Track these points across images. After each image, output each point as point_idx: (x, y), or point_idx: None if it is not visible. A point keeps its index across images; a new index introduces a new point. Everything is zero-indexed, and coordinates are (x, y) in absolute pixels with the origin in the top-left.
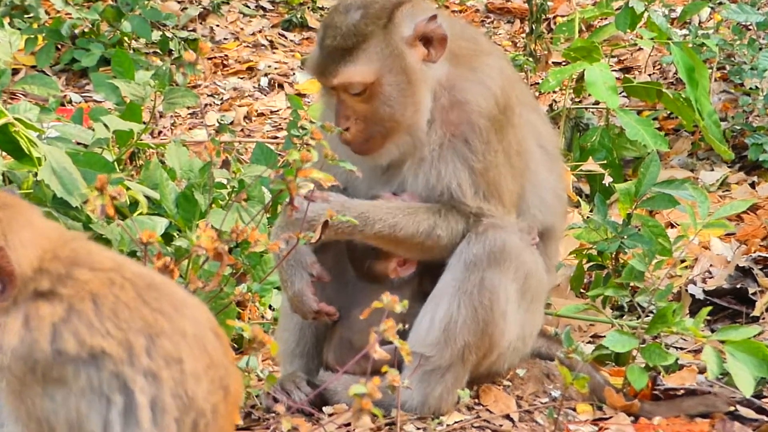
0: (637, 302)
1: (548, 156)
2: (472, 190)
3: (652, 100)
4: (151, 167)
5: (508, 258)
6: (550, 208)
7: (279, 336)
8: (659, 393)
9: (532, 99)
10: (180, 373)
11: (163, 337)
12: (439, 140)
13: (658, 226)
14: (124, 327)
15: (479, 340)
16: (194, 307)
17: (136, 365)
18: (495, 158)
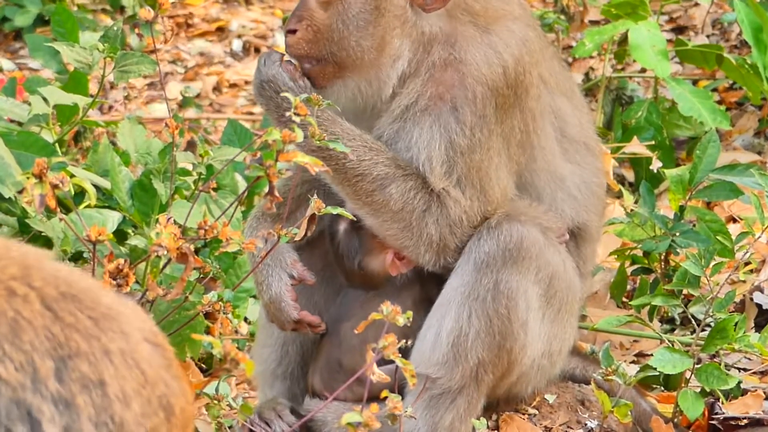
0: (691, 314)
1: (577, 147)
2: (442, 168)
3: (710, 67)
4: (101, 150)
5: (527, 256)
6: (581, 204)
7: (257, 354)
8: (718, 423)
9: (567, 82)
10: (102, 397)
11: (78, 358)
12: (420, 99)
13: (718, 221)
14: (26, 348)
15: (495, 357)
16: (124, 317)
17: (42, 392)
18: (487, 140)
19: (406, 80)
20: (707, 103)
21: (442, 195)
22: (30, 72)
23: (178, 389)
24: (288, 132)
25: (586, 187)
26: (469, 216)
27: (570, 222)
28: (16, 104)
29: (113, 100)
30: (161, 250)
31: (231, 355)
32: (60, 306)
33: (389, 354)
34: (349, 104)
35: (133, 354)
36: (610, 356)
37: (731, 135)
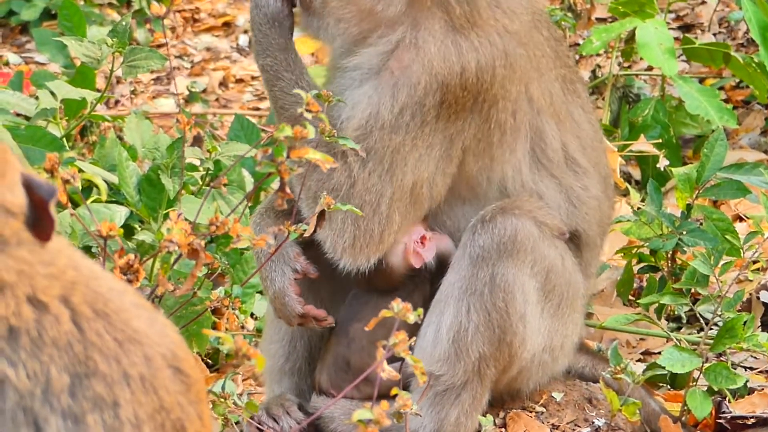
0: (699, 312)
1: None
2: (355, 133)
3: (717, 65)
4: (108, 145)
5: (522, 249)
6: (576, 214)
7: (265, 349)
8: (725, 422)
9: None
10: (113, 418)
11: (94, 378)
12: (375, 67)
13: (725, 220)
14: (44, 359)
15: (496, 351)
16: (149, 342)
17: (53, 404)
18: (417, 129)
19: (362, 47)
20: (714, 101)
21: (338, 156)
22: (36, 66)
23: (195, 414)
24: (299, 128)
25: (578, 199)
26: (355, 187)
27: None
28: (23, 98)
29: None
30: (172, 245)
31: (243, 350)
32: (90, 325)
33: (400, 351)
34: (316, 40)
35: (153, 380)
36: (618, 354)
37: (738, 133)
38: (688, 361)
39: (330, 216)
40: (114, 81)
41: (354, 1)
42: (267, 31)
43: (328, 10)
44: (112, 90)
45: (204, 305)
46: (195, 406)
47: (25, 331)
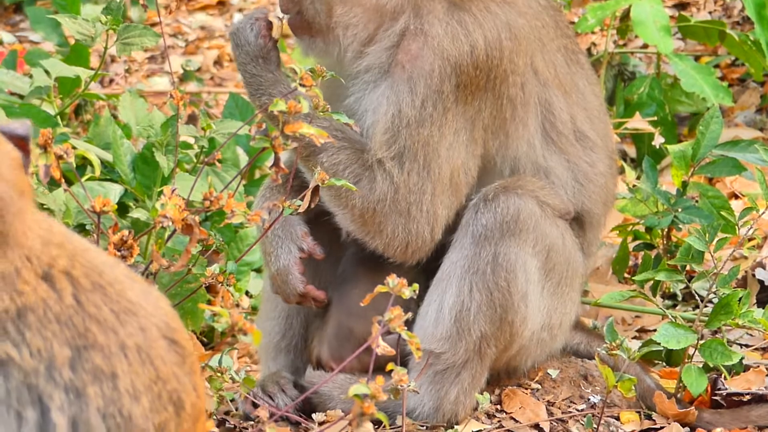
0: (694, 289)
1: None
2: (384, 136)
3: (713, 43)
4: (102, 123)
5: (524, 228)
6: (579, 193)
7: (261, 326)
8: (720, 399)
9: (570, 77)
10: (112, 390)
11: (93, 350)
12: (382, 65)
13: (720, 197)
14: (47, 336)
15: (498, 330)
16: (144, 312)
17: (56, 379)
18: (441, 117)
19: (370, 46)
20: (709, 79)
21: (375, 168)
22: (30, 45)
23: (190, 385)
24: (294, 103)
25: (585, 177)
26: (399, 193)
27: (570, 207)
28: (17, 77)
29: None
30: (166, 221)
31: (239, 325)
32: (87, 297)
33: (395, 327)
34: (321, 60)
35: (149, 350)
36: (614, 331)
37: (733, 111)
38: (684, 337)
39: (379, 225)
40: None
41: (359, 2)
42: (254, 70)
43: (336, 21)
44: (106, 68)
45: (198, 282)
46: (190, 378)
47: (33, 309)
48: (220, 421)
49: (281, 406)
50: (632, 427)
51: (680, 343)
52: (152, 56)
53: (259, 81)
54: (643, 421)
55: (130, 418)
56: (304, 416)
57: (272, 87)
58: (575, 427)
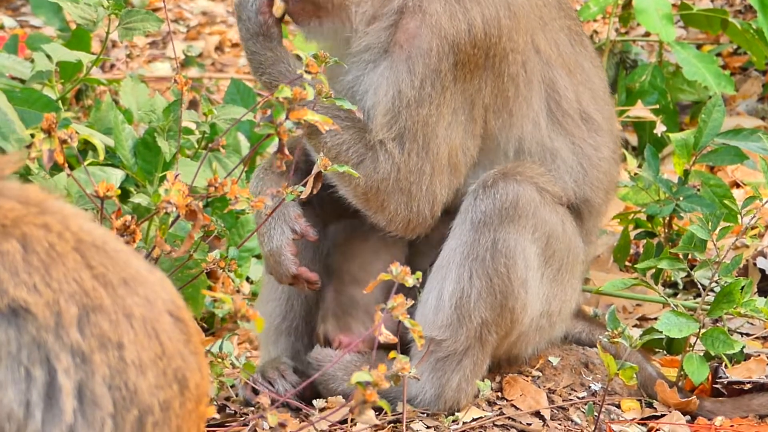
0: (696, 278)
1: (574, 122)
2: (385, 118)
3: (715, 31)
4: (103, 108)
5: (523, 214)
6: (585, 178)
7: (261, 309)
8: (722, 388)
9: (573, 56)
10: (118, 360)
11: (100, 313)
12: (380, 44)
13: (722, 186)
14: (54, 286)
15: (498, 317)
16: (150, 285)
17: (63, 337)
18: (440, 96)
19: (371, 24)
20: (712, 67)
21: (377, 149)
22: (32, 29)
23: (195, 364)
24: (299, 90)
25: (588, 162)
26: (401, 173)
27: (572, 194)
28: (18, 61)
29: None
30: (170, 207)
31: (241, 311)
32: (92, 254)
33: (398, 315)
34: (326, 43)
35: (155, 323)
36: (616, 319)
37: (735, 100)
38: (686, 325)
39: (382, 203)
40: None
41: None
42: (254, 47)
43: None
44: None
45: (200, 268)
46: (195, 358)
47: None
48: (220, 406)
49: (281, 392)
50: (633, 415)
51: (682, 332)
52: (153, 41)
53: (259, 59)
54: (644, 409)
55: (136, 392)
56: (305, 402)
57: (272, 66)
58: (576, 414)
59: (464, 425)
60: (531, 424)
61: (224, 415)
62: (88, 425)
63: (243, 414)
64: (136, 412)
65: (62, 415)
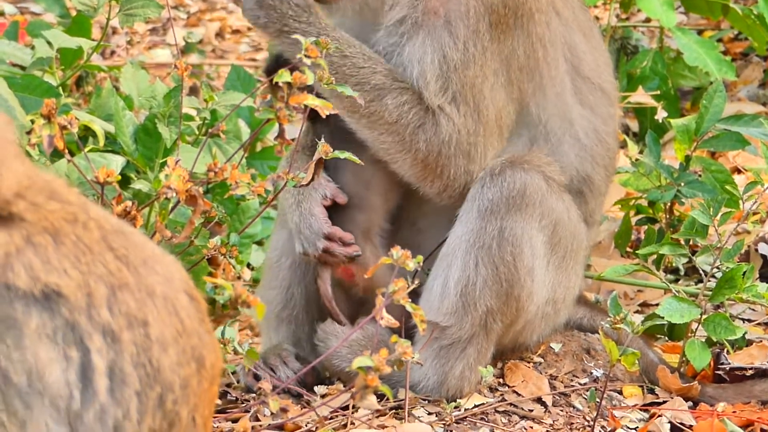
0: (697, 263)
1: (591, 89)
2: (437, 84)
3: (716, 17)
4: (104, 94)
5: (530, 203)
6: (589, 153)
7: (262, 296)
8: (723, 374)
9: (585, 20)
10: (144, 337)
11: (126, 291)
12: (415, 13)
13: (724, 171)
14: (83, 269)
15: (504, 305)
16: (167, 264)
17: (94, 318)
18: (482, 57)
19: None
20: (713, 53)
21: (437, 112)
22: (32, 16)
23: (210, 344)
24: (299, 74)
25: (595, 136)
26: (461, 135)
27: (575, 172)
28: (18, 48)
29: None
30: (170, 192)
31: (242, 297)
32: (114, 238)
33: (399, 299)
34: (355, 17)
35: (174, 301)
36: (618, 305)
37: (736, 86)
38: (687, 311)
39: (442, 169)
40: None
41: None
42: (308, 20)
43: None
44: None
45: (200, 254)
46: (209, 337)
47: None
48: (221, 393)
49: (283, 379)
50: (635, 401)
51: (684, 318)
52: (154, 28)
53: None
54: (645, 396)
55: (159, 370)
56: (306, 388)
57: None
58: (578, 401)
59: (466, 411)
60: (533, 411)
61: (225, 401)
62: (116, 404)
63: (244, 400)
64: (158, 389)
65: (96, 395)
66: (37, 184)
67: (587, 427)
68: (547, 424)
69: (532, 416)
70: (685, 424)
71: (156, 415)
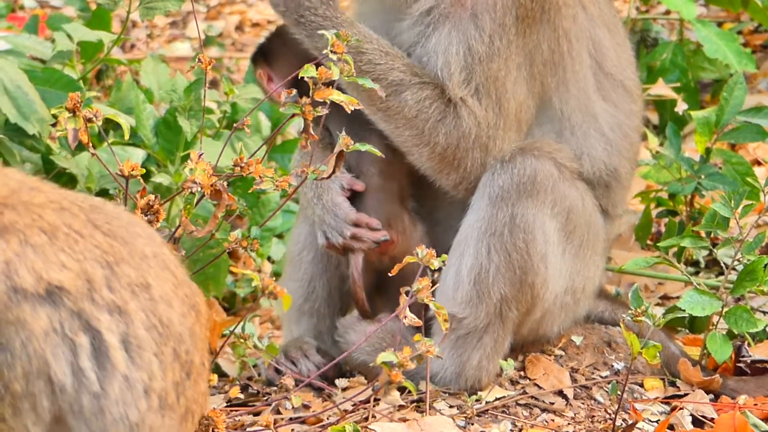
0: (718, 256)
1: (614, 85)
2: (461, 76)
3: (736, 9)
4: (124, 87)
5: (541, 189)
6: (614, 147)
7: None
8: (745, 367)
9: (610, 14)
10: (149, 300)
11: (122, 263)
12: (442, 4)
13: (744, 164)
14: (79, 257)
15: (518, 292)
16: (141, 224)
17: (97, 301)
18: (507, 50)
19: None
20: (733, 45)
21: (459, 105)
22: (52, 9)
23: (197, 290)
24: (324, 69)
25: (619, 130)
26: (481, 128)
27: (603, 165)
28: (39, 41)
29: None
30: (195, 186)
31: (269, 288)
32: (95, 216)
33: (423, 298)
34: (378, 6)
35: (162, 256)
36: (639, 297)
37: (756, 78)
38: (709, 304)
39: (459, 161)
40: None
41: None
42: (324, 13)
43: None
44: (127, 34)
45: (222, 247)
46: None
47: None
48: (243, 386)
49: (304, 372)
50: (656, 394)
51: (705, 310)
52: (174, 21)
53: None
54: (667, 388)
55: (170, 326)
56: (327, 381)
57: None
58: (599, 393)
59: (487, 404)
60: (554, 403)
61: (247, 394)
62: (139, 369)
63: (266, 394)
64: (172, 343)
65: (115, 367)
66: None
67: (608, 420)
68: (569, 417)
69: (553, 409)
70: (707, 417)
71: (175, 368)
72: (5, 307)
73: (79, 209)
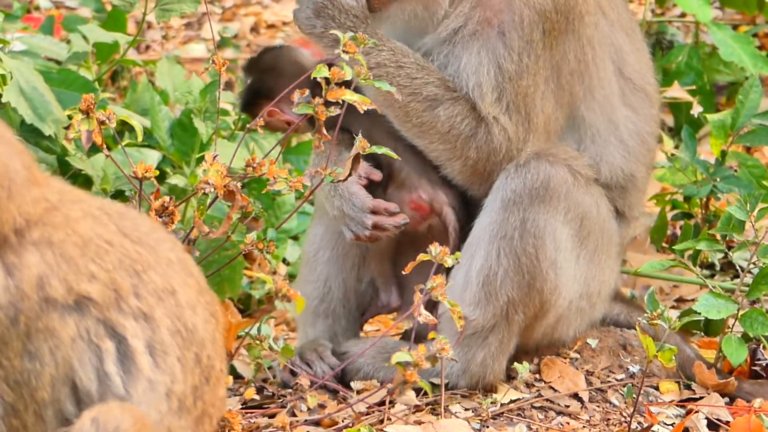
0: (733, 259)
1: (634, 90)
2: (493, 95)
3: (751, 11)
4: (139, 89)
5: (554, 195)
6: (632, 153)
7: (299, 290)
8: (760, 370)
9: (628, 19)
10: (175, 305)
11: (150, 271)
12: (469, 23)
13: (760, 167)
14: (109, 267)
15: (525, 297)
16: (161, 230)
17: (123, 309)
18: (535, 65)
19: (456, 3)
20: (748, 48)
21: (490, 122)
22: (67, 10)
23: (214, 296)
24: (337, 69)
25: (637, 136)
26: (512, 143)
27: (619, 171)
28: (54, 42)
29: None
30: (208, 187)
31: (283, 291)
32: (123, 224)
33: (437, 296)
34: (404, 27)
35: (185, 261)
36: (655, 300)
37: None
38: (724, 307)
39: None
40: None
41: None
42: (366, 31)
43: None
44: (143, 35)
45: (237, 249)
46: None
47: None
48: (258, 388)
49: (319, 374)
50: (671, 397)
51: (721, 313)
52: (189, 23)
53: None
54: (682, 391)
55: (194, 331)
56: (342, 384)
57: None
58: (614, 396)
59: (502, 407)
60: (569, 406)
61: (262, 396)
62: (162, 372)
63: (281, 396)
64: (194, 349)
65: (140, 371)
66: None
67: (624, 423)
68: (584, 420)
69: (568, 412)
70: (722, 420)
71: (195, 372)
72: (36, 316)
73: (108, 218)
